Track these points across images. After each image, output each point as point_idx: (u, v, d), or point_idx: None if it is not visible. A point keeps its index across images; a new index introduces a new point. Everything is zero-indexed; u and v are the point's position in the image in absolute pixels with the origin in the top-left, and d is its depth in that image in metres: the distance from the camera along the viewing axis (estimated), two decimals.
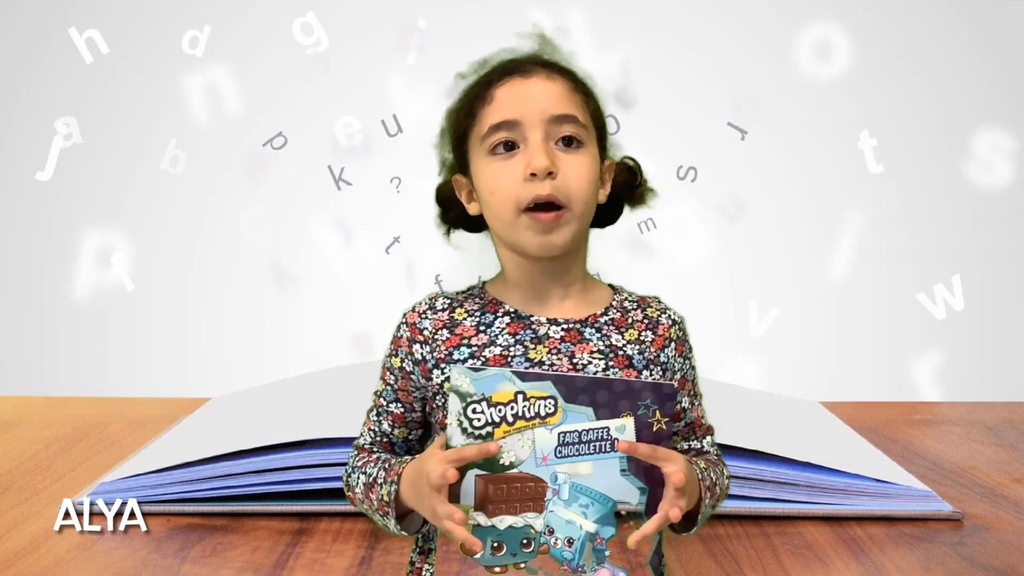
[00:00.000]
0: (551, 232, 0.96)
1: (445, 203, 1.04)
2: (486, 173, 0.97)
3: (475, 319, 1.00)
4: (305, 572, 1.30)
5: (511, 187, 0.95)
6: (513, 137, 0.96)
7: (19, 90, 2.82)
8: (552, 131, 0.96)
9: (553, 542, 0.90)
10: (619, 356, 0.98)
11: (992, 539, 1.40)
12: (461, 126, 1.00)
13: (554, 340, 0.98)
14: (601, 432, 0.89)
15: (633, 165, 1.04)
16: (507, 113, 0.96)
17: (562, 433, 0.89)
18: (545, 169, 0.94)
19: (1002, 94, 2.79)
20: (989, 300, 2.78)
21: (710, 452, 1.04)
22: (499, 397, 0.89)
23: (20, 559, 1.33)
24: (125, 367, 2.85)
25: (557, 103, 0.97)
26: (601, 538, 0.90)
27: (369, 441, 1.03)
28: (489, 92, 0.98)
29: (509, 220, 0.96)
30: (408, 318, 1.01)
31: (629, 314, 1.01)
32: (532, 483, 0.89)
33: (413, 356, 0.99)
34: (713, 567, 1.32)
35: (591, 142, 0.99)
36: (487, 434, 0.89)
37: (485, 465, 0.89)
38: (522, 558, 0.90)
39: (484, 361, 0.97)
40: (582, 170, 0.96)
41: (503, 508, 0.90)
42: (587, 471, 0.90)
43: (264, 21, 2.77)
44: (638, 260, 2.68)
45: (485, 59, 1.02)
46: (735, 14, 2.77)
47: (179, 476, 1.49)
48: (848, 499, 1.48)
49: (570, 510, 0.90)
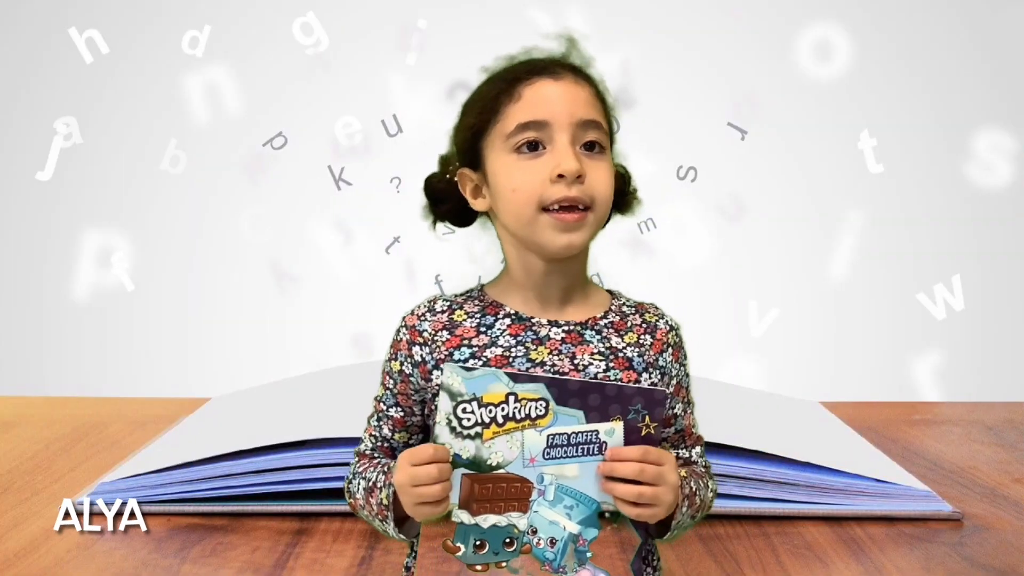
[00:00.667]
0: (573, 232, 0.96)
1: (437, 196, 1.04)
2: (509, 170, 0.97)
3: (475, 320, 1.00)
4: (305, 572, 1.30)
5: (535, 186, 0.95)
6: (540, 137, 0.96)
7: (19, 90, 2.82)
8: (578, 135, 0.97)
9: (536, 542, 0.90)
10: (619, 358, 0.98)
11: (992, 539, 1.40)
12: (481, 121, 0.99)
13: (555, 341, 0.98)
14: (590, 435, 0.90)
15: (624, 173, 1.05)
16: (536, 113, 0.96)
17: (551, 435, 0.89)
18: (575, 172, 0.95)
19: (1002, 94, 2.79)
20: (989, 300, 2.78)
21: (698, 463, 1.03)
22: (490, 398, 0.89)
23: (20, 559, 1.33)
24: (125, 367, 2.85)
25: (586, 108, 0.97)
26: (584, 539, 0.90)
27: (370, 447, 1.03)
28: (517, 90, 0.98)
29: (528, 218, 0.96)
30: (407, 321, 1.01)
31: (628, 318, 1.01)
32: (518, 483, 0.90)
33: (412, 358, 1.00)
34: (713, 567, 1.32)
35: (609, 149, 1.00)
36: (476, 434, 0.89)
37: (472, 465, 0.90)
38: (504, 557, 0.90)
39: (485, 361, 0.97)
40: (605, 176, 0.97)
41: (488, 507, 0.90)
42: (573, 473, 0.90)
43: (264, 21, 2.77)
44: (638, 260, 2.68)
45: (511, 56, 1.01)
46: (735, 14, 2.77)
47: (179, 476, 1.49)
48: (848, 499, 1.48)
49: (554, 511, 0.90)
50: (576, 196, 0.95)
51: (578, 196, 0.95)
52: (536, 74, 0.98)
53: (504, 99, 0.98)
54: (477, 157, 1.00)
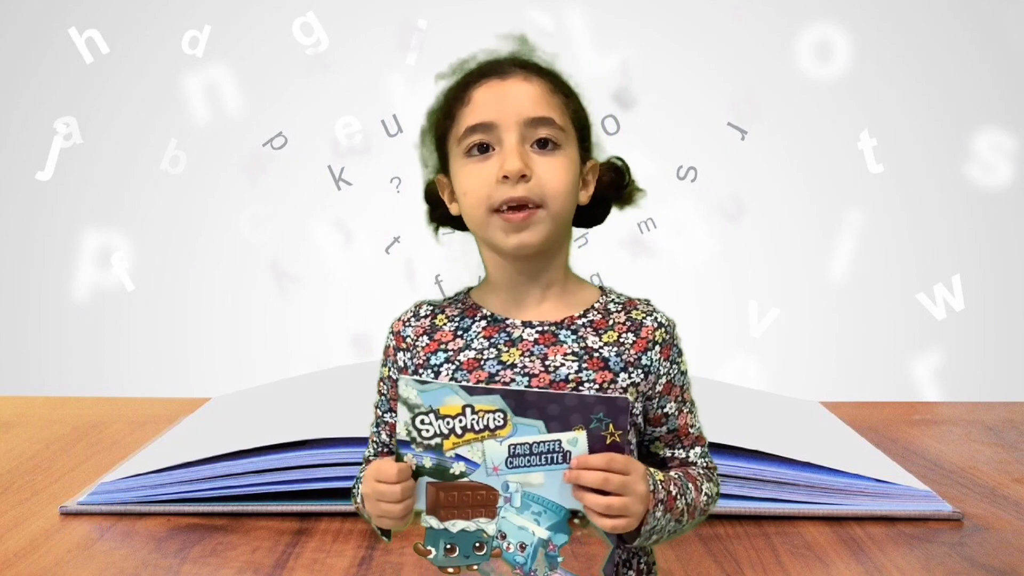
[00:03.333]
0: (523, 230, 0.95)
1: (433, 201, 1.04)
2: (461, 174, 0.98)
3: (454, 324, 1.00)
4: (305, 572, 1.30)
5: (483, 188, 0.95)
6: (488, 139, 0.96)
7: (19, 90, 2.83)
8: (528, 133, 0.96)
9: (506, 546, 0.90)
10: (594, 358, 0.97)
11: (992, 539, 1.40)
12: (441, 127, 1.00)
13: (527, 343, 0.97)
14: (553, 444, 0.89)
15: (621, 165, 1.03)
16: (483, 115, 0.96)
17: (512, 445, 0.89)
18: (518, 172, 0.94)
19: (1002, 94, 2.79)
20: (989, 300, 2.78)
21: (697, 464, 1.01)
22: (447, 410, 0.89)
23: (20, 559, 1.33)
24: (125, 367, 2.85)
25: (534, 105, 0.96)
26: (554, 544, 0.90)
27: (373, 453, 1.04)
28: (467, 93, 0.97)
29: (481, 220, 0.97)
30: (394, 327, 1.02)
31: (611, 316, 1.00)
32: (483, 491, 0.90)
33: (397, 364, 1.00)
34: (713, 567, 1.32)
35: (569, 144, 0.98)
36: (436, 445, 0.90)
37: (435, 475, 0.90)
38: (475, 560, 0.91)
39: (458, 365, 0.97)
40: (558, 172, 0.96)
41: (455, 513, 0.91)
42: (539, 481, 0.90)
43: (264, 21, 2.77)
44: (638, 260, 2.68)
45: (464, 60, 1.01)
46: (735, 14, 2.77)
47: (179, 476, 1.49)
48: (848, 499, 1.48)
49: (522, 517, 0.90)
50: (522, 196, 0.94)
51: (524, 196, 0.94)
52: (485, 76, 0.98)
53: (456, 104, 0.98)
54: (446, 163, 1.01)
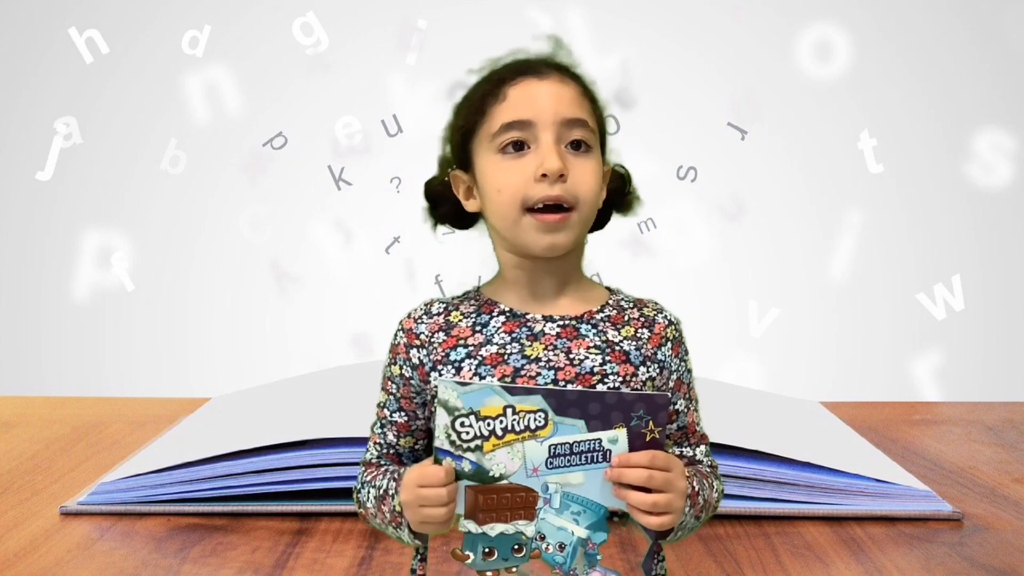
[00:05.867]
0: (556, 232, 0.96)
1: (435, 198, 1.04)
2: (494, 171, 0.97)
3: (471, 320, 1.00)
4: (305, 572, 1.30)
5: (519, 186, 0.96)
6: (524, 137, 0.96)
7: (19, 90, 2.83)
8: (563, 134, 0.96)
9: (544, 547, 0.90)
10: (616, 351, 0.98)
11: (992, 539, 1.40)
12: (469, 122, 0.99)
13: (550, 336, 0.98)
14: (593, 443, 0.89)
15: (624, 173, 1.05)
16: (520, 113, 0.96)
17: (553, 445, 0.89)
18: (558, 171, 0.95)
19: (1002, 94, 2.79)
20: (989, 300, 2.78)
21: (703, 462, 1.02)
22: (487, 411, 0.89)
23: (20, 559, 1.33)
24: (125, 367, 2.85)
25: (570, 107, 0.97)
26: (593, 543, 0.90)
27: (376, 455, 1.03)
28: (502, 90, 0.98)
29: (513, 219, 0.97)
30: (404, 324, 1.01)
31: (625, 312, 1.01)
32: (523, 493, 0.89)
33: (411, 361, 1.00)
34: (713, 567, 1.32)
35: (597, 147, 0.99)
36: (476, 447, 0.89)
37: (475, 477, 0.89)
38: (513, 563, 0.90)
39: (480, 360, 0.97)
40: (590, 175, 0.97)
41: (494, 517, 0.90)
42: (579, 480, 0.89)
43: (264, 21, 2.77)
44: (638, 260, 2.69)
45: (497, 58, 1.01)
46: (735, 14, 2.77)
47: (179, 476, 1.49)
48: (848, 499, 1.48)
49: (562, 518, 0.90)
50: (559, 195, 0.95)
51: (560, 195, 0.95)
52: (521, 74, 0.98)
53: (490, 100, 0.98)
54: (467, 158, 1.00)
